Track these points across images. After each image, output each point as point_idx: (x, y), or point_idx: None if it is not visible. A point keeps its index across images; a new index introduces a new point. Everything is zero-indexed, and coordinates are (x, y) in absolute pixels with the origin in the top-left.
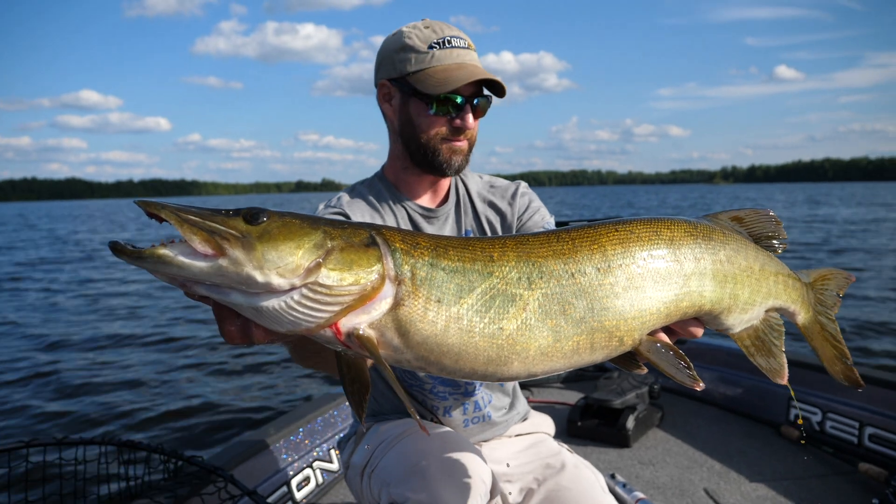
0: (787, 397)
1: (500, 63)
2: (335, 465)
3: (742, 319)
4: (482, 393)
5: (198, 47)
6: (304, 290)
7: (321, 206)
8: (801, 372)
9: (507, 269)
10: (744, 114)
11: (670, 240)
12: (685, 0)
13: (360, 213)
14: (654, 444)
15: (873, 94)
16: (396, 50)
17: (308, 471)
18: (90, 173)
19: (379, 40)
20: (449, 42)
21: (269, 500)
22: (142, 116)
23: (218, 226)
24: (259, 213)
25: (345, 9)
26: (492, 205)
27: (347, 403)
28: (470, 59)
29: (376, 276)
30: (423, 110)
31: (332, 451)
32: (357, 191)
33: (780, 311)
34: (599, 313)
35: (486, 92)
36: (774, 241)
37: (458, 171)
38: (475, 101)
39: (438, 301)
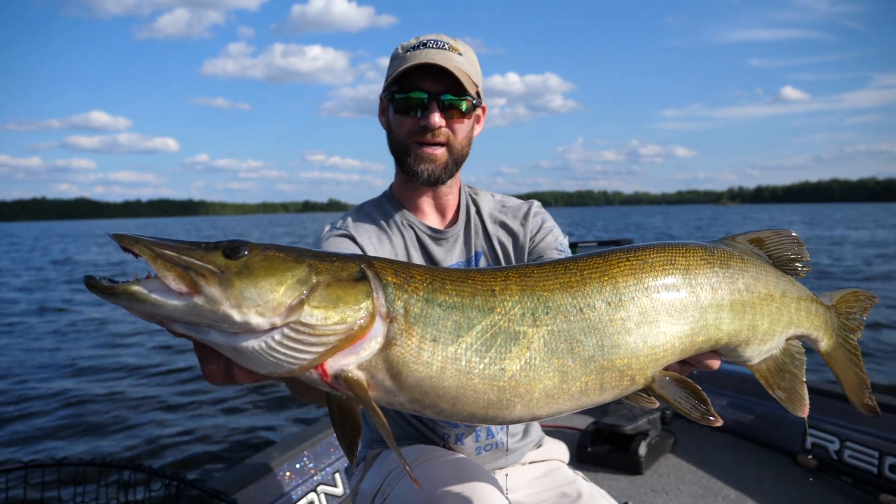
0: (802, 425)
1: (506, 84)
2: (339, 490)
3: (761, 350)
4: None
5: (206, 69)
6: (286, 330)
7: (327, 228)
8: (817, 399)
9: (510, 304)
10: (750, 134)
11: (685, 269)
12: (689, 22)
13: (367, 234)
14: (667, 471)
15: (880, 114)
16: (389, 65)
17: (312, 495)
18: (99, 193)
19: (385, 62)
20: (424, 45)
21: None
22: (150, 137)
23: (194, 261)
24: (240, 246)
25: (351, 31)
26: (503, 225)
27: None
28: (440, 57)
29: (365, 313)
30: (393, 111)
31: (337, 476)
32: (364, 211)
33: (802, 338)
34: (610, 351)
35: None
36: (798, 265)
37: (433, 182)
38: (443, 98)
39: (434, 340)
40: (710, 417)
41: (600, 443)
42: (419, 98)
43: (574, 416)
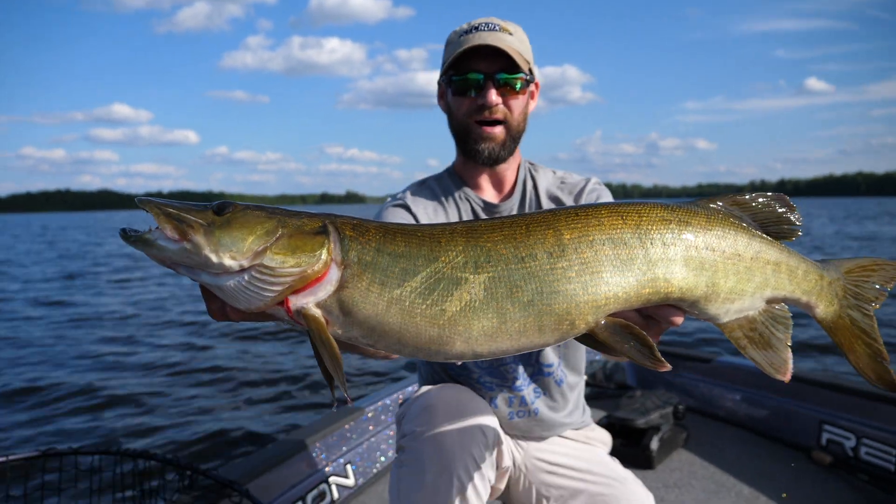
0: (818, 420)
1: None
2: (351, 481)
3: (728, 309)
4: (530, 389)
5: (225, 62)
6: (253, 272)
7: (388, 200)
8: (833, 395)
9: (454, 253)
10: (772, 127)
11: (637, 225)
12: (711, 13)
13: (423, 206)
14: (679, 465)
15: None
16: (444, 51)
17: (323, 486)
18: (121, 185)
19: (402, 53)
20: (476, 28)
21: None
22: (171, 129)
23: (187, 216)
24: (226, 205)
25: (369, 23)
26: (556, 200)
27: (363, 418)
28: (493, 38)
29: (321, 260)
30: (451, 94)
31: (348, 466)
32: (427, 184)
33: (789, 301)
34: (549, 297)
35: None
36: (784, 227)
37: (493, 160)
38: (497, 77)
39: (382, 284)
40: (657, 361)
41: (611, 436)
42: (475, 79)
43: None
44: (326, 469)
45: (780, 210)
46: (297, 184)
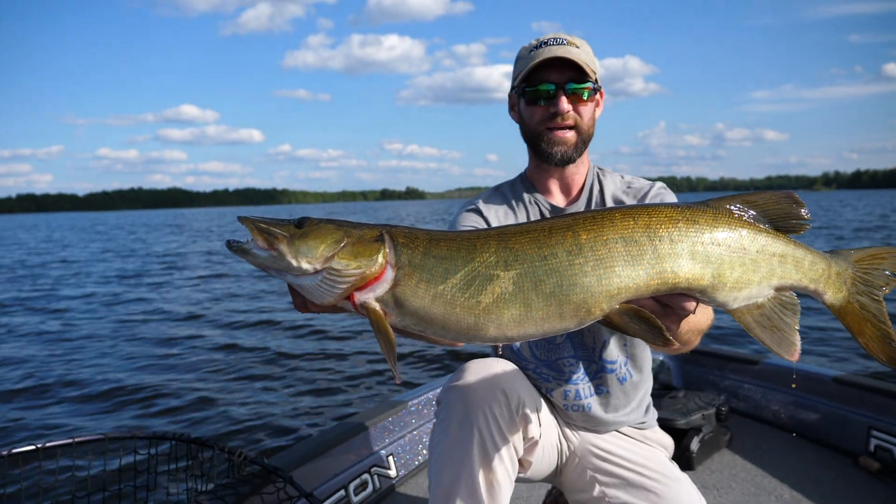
0: (867, 426)
1: None
2: (393, 472)
3: (736, 297)
4: (587, 385)
5: (287, 61)
6: (325, 274)
7: (464, 204)
8: (882, 400)
9: (487, 254)
10: (847, 116)
11: (647, 225)
12: None
13: (494, 210)
14: (721, 467)
15: None
16: (514, 66)
17: (366, 476)
18: (189, 183)
19: (461, 48)
20: (546, 43)
21: (327, 503)
22: (236, 129)
23: (273, 229)
24: (305, 220)
25: (427, 19)
26: (620, 204)
27: (406, 411)
28: (562, 51)
29: (377, 263)
30: (524, 104)
31: (390, 458)
32: (500, 190)
33: (798, 289)
34: (568, 289)
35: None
36: (793, 222)
37: (565, 161)
38: (567, 87)
39: (428, 281)
40: (667, 341)
41: None
42: (547, 89)
43: None
44: (369, 460)
45: (788, 207)
46: (357, 180)
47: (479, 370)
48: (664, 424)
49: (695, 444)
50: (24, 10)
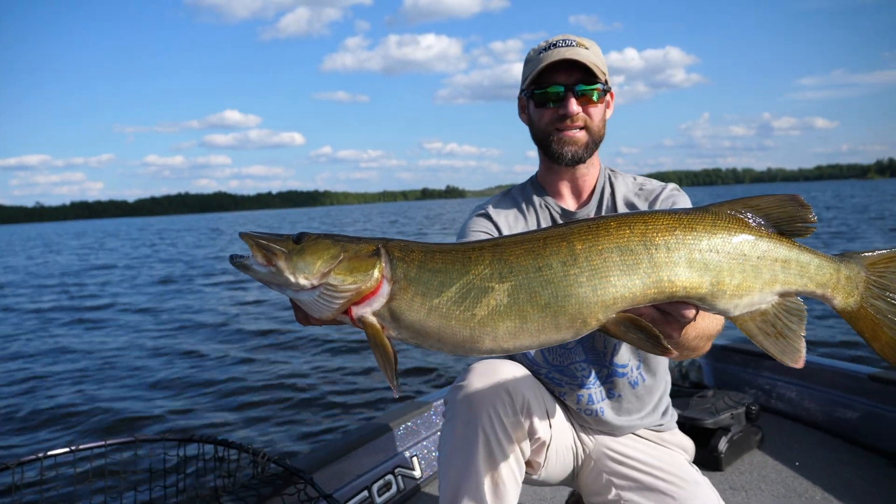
0: None
1: (624, 61)
2: (417, 472)
3: (737, 304)
4: (598, 390)
5: (326, 64)
6: (322, 289)
7: (474, 209)
8: None
9: (482, 267)
10: None
11: (643, 233)
12: None
13: (504, 215)
14: (750, 468)
15: None
16: (523, 68)
17: (389, 477)
18: (234, 187)
19: (498, 46)
20: (554, 45)
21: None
22: (278, 132)
23: (274, 245)
24: (303, 235)
25: (464, 17)
26: (632, 207)
27: (431, 413)
28: (571, 53)
29: (373, 277)
30: (534, 106)
31: (415, 459)
32: (510, 194)
33: (804, 294)
34: (563, 299)
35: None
36: (798, 225)
37: (576, 161)
38: (577, 88)
39: (423, 295)
40: (665, 349)
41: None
42: (556, 91)
43: None
44: (393, 461)
45: (793, 210)
46: (398, 180)
47: (486, 371)
48: (692, 424)
49: (723, 445)
50: (71, 24)
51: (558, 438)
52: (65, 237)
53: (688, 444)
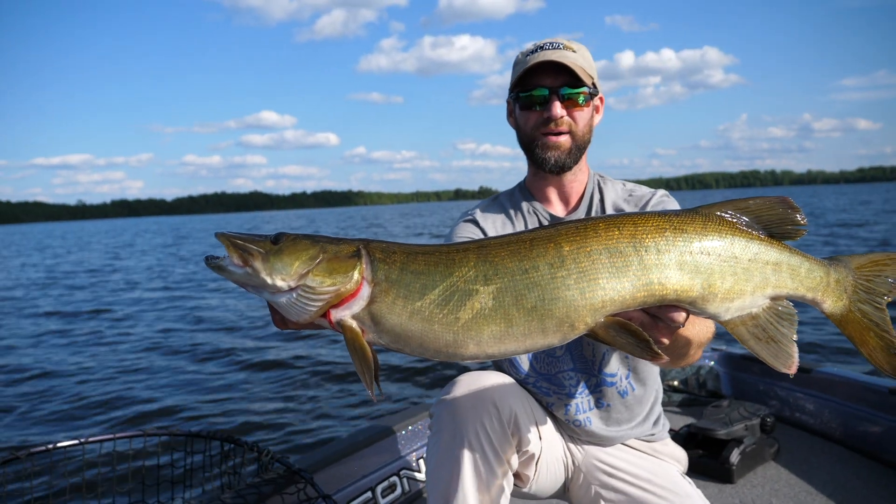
0: None
1: (661, 61)
2: (422, 475)
3: (728, 308)
4: (586, 399)
5: (361, 65)
6: (299, 291)
7: (460, 216)
8: None
9: (466, 269)
10: None
11: (632, 235)
12: None
13: (492, 220)
14: (763, 482)
15: None
16: (512, 71)
17: (394, 478)
18: (269, 187)
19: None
20: (541, 47)
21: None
22: (314, 133)
23: (249, 245)
24: (281, 235)
25: (498, 18)
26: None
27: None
28: (557, 55)
29: (353, 279)
30: (519, 109)
31: (420, 462)
32: (498, 200)
33: (794, 298)
34: (550, 303)
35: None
36: (788, 227)
37: (559, 167)
38: (562, 91)
39: (405, 298)
40: (654, 354)
41: (692, 447)
42: (541, 94)
43: (671, 417)
44: (398, 462)
45: (783, 212)
46: (431, 181)
47: (471, 383)
48: (704, 434)
49: (735, 457)
50: (114, 27)
51: (548, 450)
52: (105, 235)
53: (680, 454)
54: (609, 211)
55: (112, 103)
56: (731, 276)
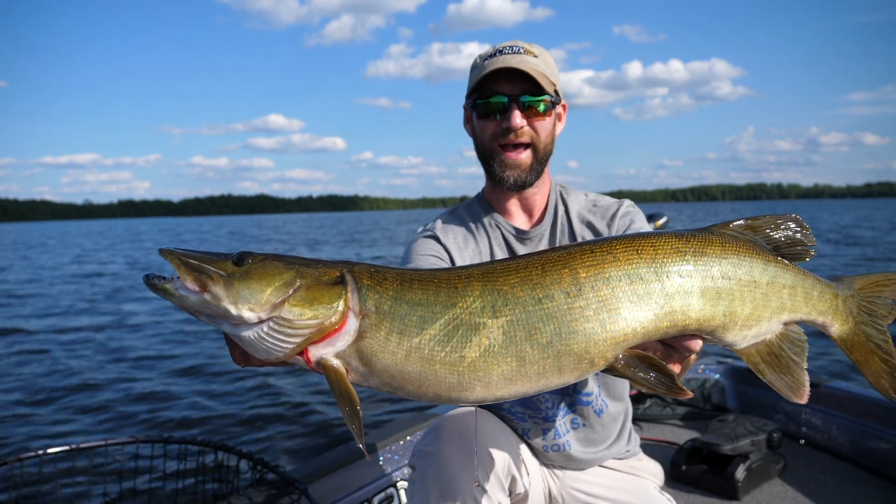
0: None
1: (668, 72)
2: None
3: (746, 335)
4: (564, 421)
5: (369, 71)
6: (271, 323)
7: (419, 230)
8: None
9: (472, 299)
10: None
11: (652, 258)
12: None
13: (453, 235)
14: (769, 498)
15: None
16: (469, 75)
17: (391, 490)
18: (276, 190)
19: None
20: (500, 52)
21: None
22: (320, 137)
23: (208, 267)
24: (246, 255)
25: (506, 26)
26: (590, 225)
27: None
28: (516, 61)
29: (338, 311)
30: (476, 117)
31: None
32: (457, 213)
33: (805, 323)
34: (567, 337)
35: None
36: (798, 248)
37: (519, 186)
38: (522, 99)
39: (400, 333)
40: (677, 390)
41: (697, 462)
42: (499, 102)
43: (674, 430)
44: (396, 473)
45: (793, 232)
46: (437, 187)
47: (454, 431)
48: (709, 449)
49: (740, 473)
50: (123, 27)
51: (534, 486)
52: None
53: (655, 468)
54: (575, 221)
55: (121, 103)
56: (751, 302)
